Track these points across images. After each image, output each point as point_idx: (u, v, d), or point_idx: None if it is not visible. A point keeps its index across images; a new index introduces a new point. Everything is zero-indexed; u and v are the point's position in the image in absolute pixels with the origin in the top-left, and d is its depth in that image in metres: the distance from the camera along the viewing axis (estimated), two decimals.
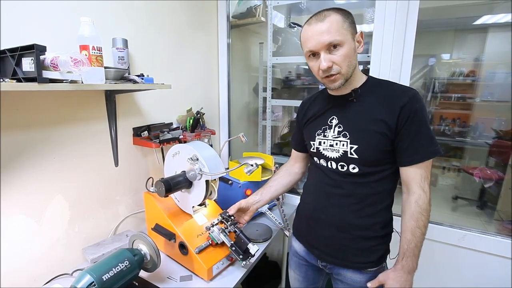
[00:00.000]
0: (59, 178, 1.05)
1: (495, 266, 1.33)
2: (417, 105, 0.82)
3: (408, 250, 0.83)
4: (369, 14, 1.49)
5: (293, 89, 2.31)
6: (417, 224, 0.83)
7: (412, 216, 0.83)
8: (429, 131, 0.83)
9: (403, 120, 0.81)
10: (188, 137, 1.41)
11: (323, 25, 0.80)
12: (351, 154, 0.87)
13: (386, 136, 0.83)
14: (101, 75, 0.90)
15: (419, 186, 0.83)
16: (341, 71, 0.83)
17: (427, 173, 0.84)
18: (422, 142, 0.82)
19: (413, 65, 1.31)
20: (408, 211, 0.85)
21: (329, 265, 1.00)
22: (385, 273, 0.87)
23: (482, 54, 3.30)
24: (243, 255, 1.02)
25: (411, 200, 0.84)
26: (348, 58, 0.82)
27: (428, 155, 0.83)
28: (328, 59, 0.81)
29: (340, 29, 0.80)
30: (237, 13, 1.84)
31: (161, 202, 1.17)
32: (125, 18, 1.22)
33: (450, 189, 3.16)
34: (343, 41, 0.80)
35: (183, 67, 1.59)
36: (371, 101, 0.87)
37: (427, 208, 0.83)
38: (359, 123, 0.87)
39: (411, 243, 0.83)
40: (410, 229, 0.83)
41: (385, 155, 0.86)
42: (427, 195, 0.83)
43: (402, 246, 0.85)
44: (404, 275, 0.84)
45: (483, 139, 3.04)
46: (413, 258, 0.84)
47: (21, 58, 0.70)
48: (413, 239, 0.83)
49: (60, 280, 1.04)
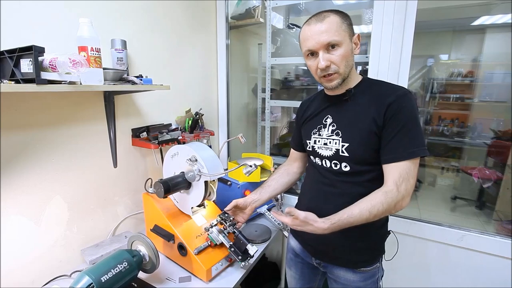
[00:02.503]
0: (57, 179, 1.05)
1: (494, 266, 1.33)
2: (404, 104, 0.81)
3: (344, 221, 0.79)
4: (367, 15, 1.49)
5: (292, 90, 2.31)
6: (370, 208, 0.79)
7: (372, 199, 0.80)
8: (415, 131, 0.81)
9: (388, 117, 0.82)
10: (187, 138, 1.41)
11: (322, 25, 0.82)
12: (342, 152, 0.88)
13: (375, 134, 0.84)
14: (99, 76, 0.90)
15: (394, 183, 0.81)
16: (338, 70, 0.85)
17: (407, 174, 0.81)
18: (404, 141, 0.81)
19: (412, 66, 1.31)
20: (373, 195, 0.82)
21: (323, 263, 1.01)
22: (315, 218, 0.80)
23: (480, 54, 3.32)
24: (242, 256, 1.02)
25: (381, 189, 0.82)
26: (346, 59, 0.84)
27: (407, 155, 0.80)
28: (327, 58, 0.83)
29: (338, 30, 0.82)
30: (236, 14, 1.84)
31: (160, 203, 1.17)
32: (124, 19, 1.22)
33: (449, 189, 3.17)
34: (341, 41, 0.82)
35: (182, 68, 1.59)
36: (364, 100, 0.88)
37: (390, 204, 0.79)
38: (351, 122, 0.89)
39: (351, 218, 0.79)
40: (361, 208, 0.79)
41: (376, 154, 0.86)
42: (399, 195, 0.80)
43: (342, 213, 0.80)
44: (318, 231, 0.79)
45: (481, 139, 3.05)
46: (339, 227, 0.79)
47: (20, 59, 0.70)
48: (356, 216, 0.79)
49: (59, 281, 1.04)
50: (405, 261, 1.51)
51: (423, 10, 1.28)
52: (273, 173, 1.20)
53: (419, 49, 2.98)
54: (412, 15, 1.26)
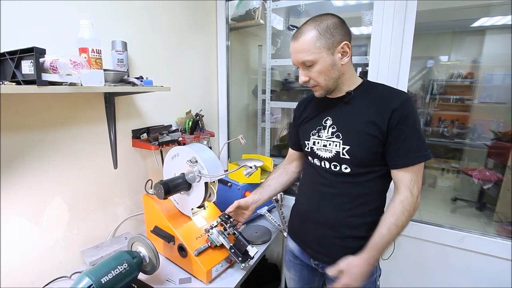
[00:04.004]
0: (58, 180, 1.05)
1: (495, 267, 1.33)
2: (409, 109, 0.83)
3: (379, 244, 0.83)
4: (367, 17, 1.50)
5: (292, 91, 2.31)
6: (395, 222, 0.82)
7: (393, 213, 0.83)
8: (420, 135, 0.84)
9: (393, 123, 0.82)
10: (187, 139, 1.41)
11: (297, 44, 0.85)
12: (343, 155, 0.89)
13: (377, 138, 0.85)
14: (100, 78, 0.90)
15: (407, 188, 0.84)
16: (318, 84, 0.89)
17: (417, 176, 0.84)
18: (412, 146, 0.83)
19: (412, 67, 1.32)
20: (391, 208, 0.85)
21: (321, 264, 1.01)
22: (348, 261, 0.85)
23: (480, 56, 3.32)
24: (242, 257, 1.02)
25: (396, 199, 0.85)
26: (324, 74, 0.86)
27: (418, 159, 0.83)
28: (305, 74, 0.88)
29: (311, 49, 0.83)
30: (236, 15, 1.85)
31: (160, 204, 1.17)
32: (125, 20, 1.23)
33: (449, 190, 3.17)
34: (314, 60, 0.84)
35: (182, 69, 1.60)
36: (364, 103, 0.89)
37: (410, 210, 0.83)
38: (352, 125, 0.89)
39: (383, 238, 0.83)
40: (388, 225, 0.83)
41: (376, 157, 0.87)
42: (414, 198, 0.84)
43: (374, 238, 0.84)
44: (367, 266, 0.83)
45: (481, 140, 3.05)
46: (379, 252, 0.83)
47: (21, 61, 0.70)
48: (386, 235, 0.82)
49: (59, 282, 1.04)
50: (406, 263, 1.51)
51: (422, 11, 1.28)
52: (272, 173, 1.20)
53: (419, 50, 2.99)
54: (412, 17, 1.27)
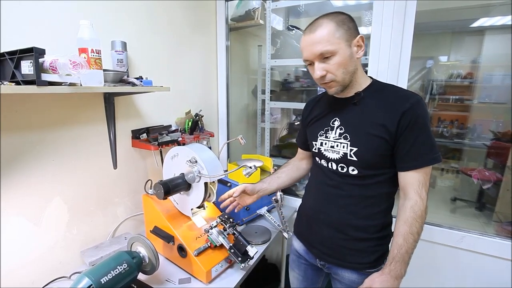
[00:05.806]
0: (57, 180, 1.05)
1: (494, 267, 1.33)
2: (419, 111, 0.81)
3: (398, 255, 0.81)
4: (367, 17, 1.50)
5: (292, 91, 2.32)
6: (410, 230, 0.81)
7: (406, 221, 0.82)
8: (430, 138, 0.82)
9: (403, 125, 0.81)
10: (186, 140, 1.41)
11: (314, 36, 0.81)
12: (350, 157, 0.87)
13: (386, 140, 0.83)
14: (100, 78, 0.90)
15: (416, 192, 0.83)
16: (335, 79, 0.84)
17: (425, 179, 0.83)
18: (422, 148, 0.82)
19: (411, 67, 1.31)
20: (403, 216, 0.83)
21: (327, 265, 1.01)
22: (371, 277, 0.85)
23: (479, 56, 3.32)
24: (242, 257, 1.02)
25: (406, 206, 0.83)
26: (343, 66, 0.82)
27: (427, 162, 0.82)
28: (321, 68, 0.83)
29: (331, 39, 0.79)
30: (235, 15, 1.85)
31: (160, 205, 1.17)
32: (124, 21, 1.23)
33: (449, 190, 3.16)
34: (334, 50, 0.80)
35: (182, 69, 1.60)
36: (373, 104, 0.87)
37: (422, 215, 0.82)
38: (360, 126, 0.87)
39: (401, 248, 0.81)
40: (403, 234, 0.82)
41: (385, 159, 0.86)
42: (424, 202, 0.82)
43: (392, 251, 0.83)
44: (391, 280, 0.81)
45: (481, 140, 3.05)
46: (402, 264, 0.81)
47: (20, 61, 0.70)
48: (404, 244, 0.81)
49: (58, 283, 1.04)
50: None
51: (422, 11, 1.28)
52: (282, 166, 1.21)
53: (418, 50, 2.98)
54: (411, 17, 1.27)
